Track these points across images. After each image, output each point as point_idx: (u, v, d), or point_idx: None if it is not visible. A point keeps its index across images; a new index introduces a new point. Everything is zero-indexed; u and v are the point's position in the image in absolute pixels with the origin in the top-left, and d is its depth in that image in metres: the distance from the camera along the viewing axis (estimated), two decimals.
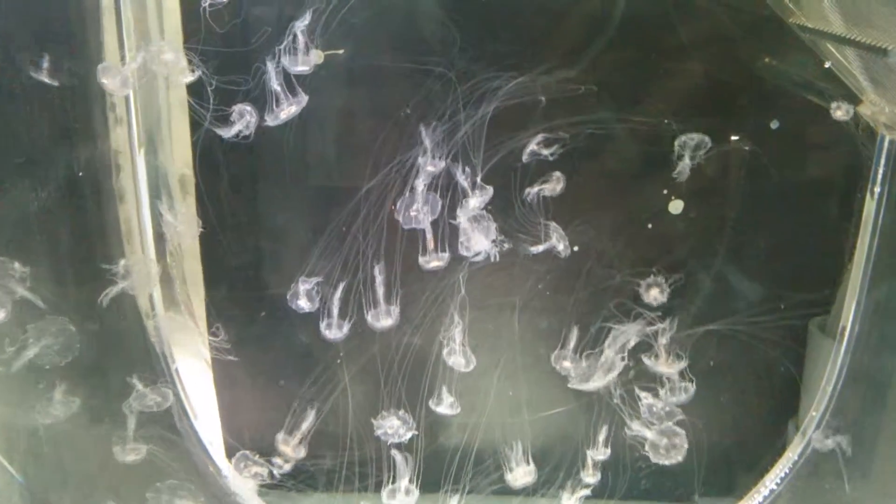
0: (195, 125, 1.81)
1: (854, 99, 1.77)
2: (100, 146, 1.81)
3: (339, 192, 1.93)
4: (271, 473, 1.99)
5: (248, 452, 2.01)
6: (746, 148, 1.88)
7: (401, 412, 1.96)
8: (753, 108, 1.90)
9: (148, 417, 1.87)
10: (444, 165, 1.84)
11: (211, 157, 1.87)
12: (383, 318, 1.91)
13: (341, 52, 1.79)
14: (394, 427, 1.94)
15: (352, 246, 1.91)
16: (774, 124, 1.88)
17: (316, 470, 2.06)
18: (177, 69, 1.71)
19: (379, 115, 1.89)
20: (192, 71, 1.70)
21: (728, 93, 1.90)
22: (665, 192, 1.94)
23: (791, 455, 1.94)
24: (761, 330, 1.98)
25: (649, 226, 1.97)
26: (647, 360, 1.91)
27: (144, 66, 1.71)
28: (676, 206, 1.95)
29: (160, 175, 1.91)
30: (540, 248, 1.91)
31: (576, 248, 1.94)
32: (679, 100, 1.88)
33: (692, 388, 1.89)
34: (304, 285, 1.89)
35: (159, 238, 1.90)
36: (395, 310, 1.92)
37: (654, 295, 1.93)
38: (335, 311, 1.91)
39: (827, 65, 1.77)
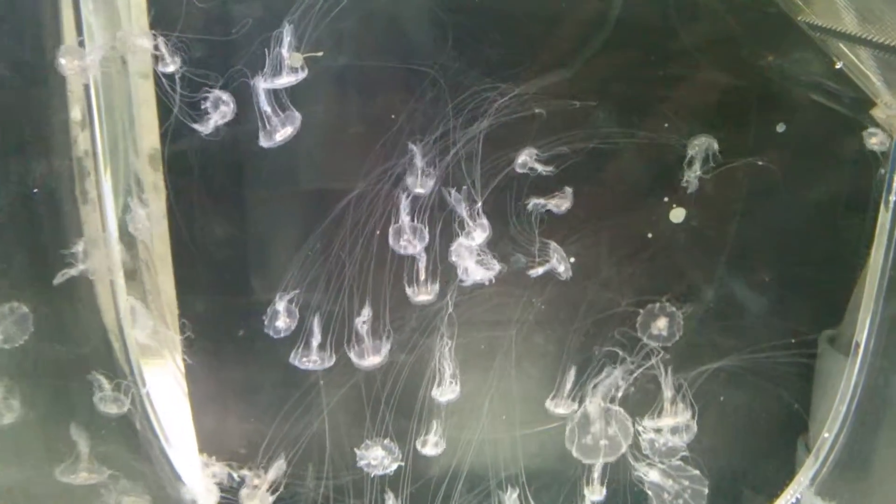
0: (165, 118, 1.74)
1: (867, 102, 1.72)
2: (61, 144, 1.73)
3: (322, 200, 1.86)
4: (230, 476, 1.91)
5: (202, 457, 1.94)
6: (760, 163, 1.83)
7: (386, 441, 1.89)
8: (759, 110, 1.84)
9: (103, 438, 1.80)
10: (435, 186, 1.77)
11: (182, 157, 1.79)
12: (370, 356, 1.84)
13: (320, 54, 1.72)
14: (378, 458, 1.87)
15: (335, 265, 1.84)
16: (781, 128, 1.81)
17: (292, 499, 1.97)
18: (147, 56, 1.63)
19: (365, 121, 1.84)
20: (171, 55, 1.63)
21: (732, 95, 1.84)
22: (666, 199, 1.88)
23: (802, 479, 1.85)
24: (771, 366, 1.92)
25: (649, 235, 1.90)
26: (649, 421, 1.81)
27: (110, 55, 1.64)
28: (678, 215, 1.88)
29: (128, 172, 1.82)
30: (540, 270, 1.85)
31: (572, 260, 1.87)
32: (680, 103, 1.82)
33: (695, 425, 1.82)
34: (281, 303, 1.81)
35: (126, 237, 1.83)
36: (382, 346, 1.85)
37: (661, 326, 1.87)
38: (314, 342, 1.84)
39: (838, 65, 1.72)
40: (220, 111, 1.68)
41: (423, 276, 1.81)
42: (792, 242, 1.93)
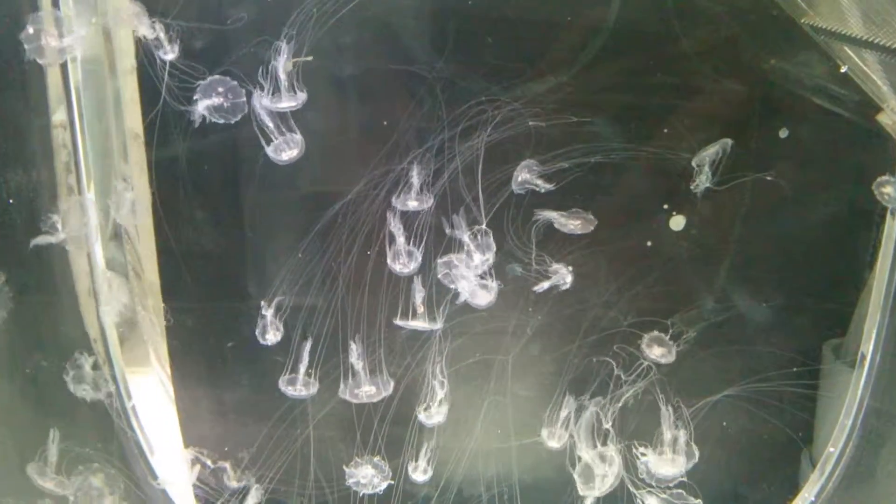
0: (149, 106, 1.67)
1: (872, 107, 1.68)
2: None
3: (312, 205, 1.81)
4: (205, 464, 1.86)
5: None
6: (769, 178, 1.79)
7: (376, 459, 1.83)
8: (761, 115, 1.80)
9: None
10: (432, 205, 1.73)
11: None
12: (365, 386, 1.80)
13: (310, 59, 1.67)
14: (367, 476, 1.82)
15: (327, 274, 1.79)
16: (783, 133, 1.78)
17: None
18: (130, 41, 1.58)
19: (358, 127, 1.82)
20: (171, 42, 1.57)
21: (734, 100, 1.80)
22: (665, 206, 1.84)
23: (807, 496, 1.79)
24: (773, 395, 1.88)
25: (648, 244, 1.86)
26: (651, 455, 1.78)
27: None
28: (678, 223, 1.85)
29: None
30: (545, 284, 1.80)
31: (569, 268, 1.83)
32: (680, 108, 1.79)
33: (696, 452, 1.78)
34: (268, 312, 1.76)
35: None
36: (383, 381, 1.81)
37: (657, 354, 1.82)
38: (302, 367, 1.79)
39: (843, 69, 1.67)
40: (212, 100, 1.62)
41: (420, 310, 1.77)
42: (795, 249, 1.89)
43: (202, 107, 1.61)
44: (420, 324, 1.78)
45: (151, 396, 1.90)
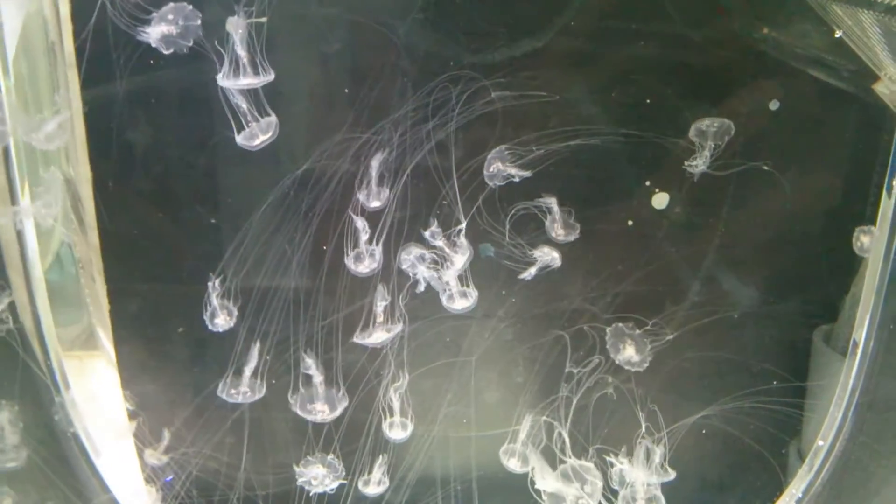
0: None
1: (870, 75, 1.60)
2: None
3: (267, 178, 1.71)
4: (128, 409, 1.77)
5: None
6: (765, 167, 1.72)
7: (329, 457, 1.76)
8: (750, 86, 1.73)
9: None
10: (388, 199, 1.66)
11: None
12: (320, 406, 1.73)
13: (264, 19, 1.58)
14: (318, 476, 1.75)
15: (279, 257, 1.70)
16: (774, 105, 1.71)
17: None
18: None
19: (319, 93, 1.72)
20: None
21: (720, 69, 1.73)
22: (648, 183, 1.76)
23: (794, 491, 1.72)
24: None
25: (630, 223, 1.79)
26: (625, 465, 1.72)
27: None
28: (661, 200, 1.77)
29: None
30: (532, 270, 1.74)
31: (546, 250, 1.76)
32: (664, 77, 1.70)
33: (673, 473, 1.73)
34: (214, 297, 1.67)
35: None
36: (338, 395, 1.74)
37: (628, 356, 1.75)
38: (247, 370, 1.72)
39: (838, 34, 1.60)
40: (160, 29, 1.49)
41: (380, 319, 1.70)
42: (784, 230, 1.82)
43: (152, 36, 1.50)
44: (382, 335, 1.71)
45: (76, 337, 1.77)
